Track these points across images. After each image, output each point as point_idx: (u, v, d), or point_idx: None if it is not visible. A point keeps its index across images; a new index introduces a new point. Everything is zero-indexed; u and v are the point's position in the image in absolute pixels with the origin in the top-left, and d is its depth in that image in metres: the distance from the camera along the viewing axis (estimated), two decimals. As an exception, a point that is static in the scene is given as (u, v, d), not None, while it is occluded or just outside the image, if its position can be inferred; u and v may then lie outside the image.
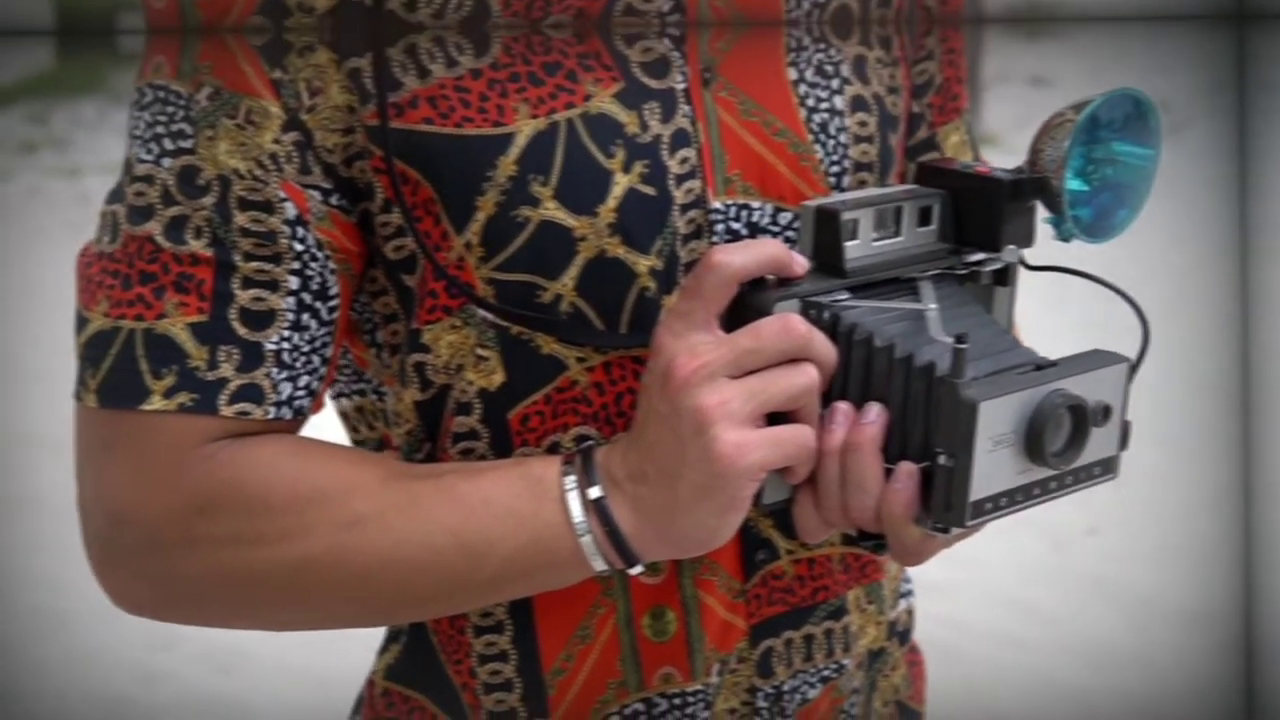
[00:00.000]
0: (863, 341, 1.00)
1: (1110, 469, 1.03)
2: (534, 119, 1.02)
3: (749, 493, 0.98)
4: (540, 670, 1.10)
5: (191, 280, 1.01)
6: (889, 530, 1.00)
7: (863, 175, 1.12)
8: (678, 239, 1.05)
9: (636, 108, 1.04)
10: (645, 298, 1.04)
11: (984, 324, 1.05)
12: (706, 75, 1.07)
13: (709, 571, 1.10)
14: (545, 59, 1.03)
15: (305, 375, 1.04)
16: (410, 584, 1.03)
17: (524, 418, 1.06)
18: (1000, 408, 0.95)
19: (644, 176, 1.04)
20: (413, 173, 1.01)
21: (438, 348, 1.05)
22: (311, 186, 1.02)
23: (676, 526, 0.99)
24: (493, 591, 1.05)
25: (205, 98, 1.01)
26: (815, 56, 1.11)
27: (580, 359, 1.05)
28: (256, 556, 1.02)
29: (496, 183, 1.01)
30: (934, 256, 1.07)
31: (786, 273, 1.00)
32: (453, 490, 1.02)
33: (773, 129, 1.08)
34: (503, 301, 1.03)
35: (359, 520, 1.02)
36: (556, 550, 1.01)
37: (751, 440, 0.96)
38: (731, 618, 1.11)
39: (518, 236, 1.02)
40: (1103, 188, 1.06)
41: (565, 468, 1.02)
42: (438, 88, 1.01)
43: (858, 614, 1.19)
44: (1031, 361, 1.00)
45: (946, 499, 0.96)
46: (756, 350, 0.97)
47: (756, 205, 1.08)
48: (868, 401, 1.00)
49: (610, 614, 1.09)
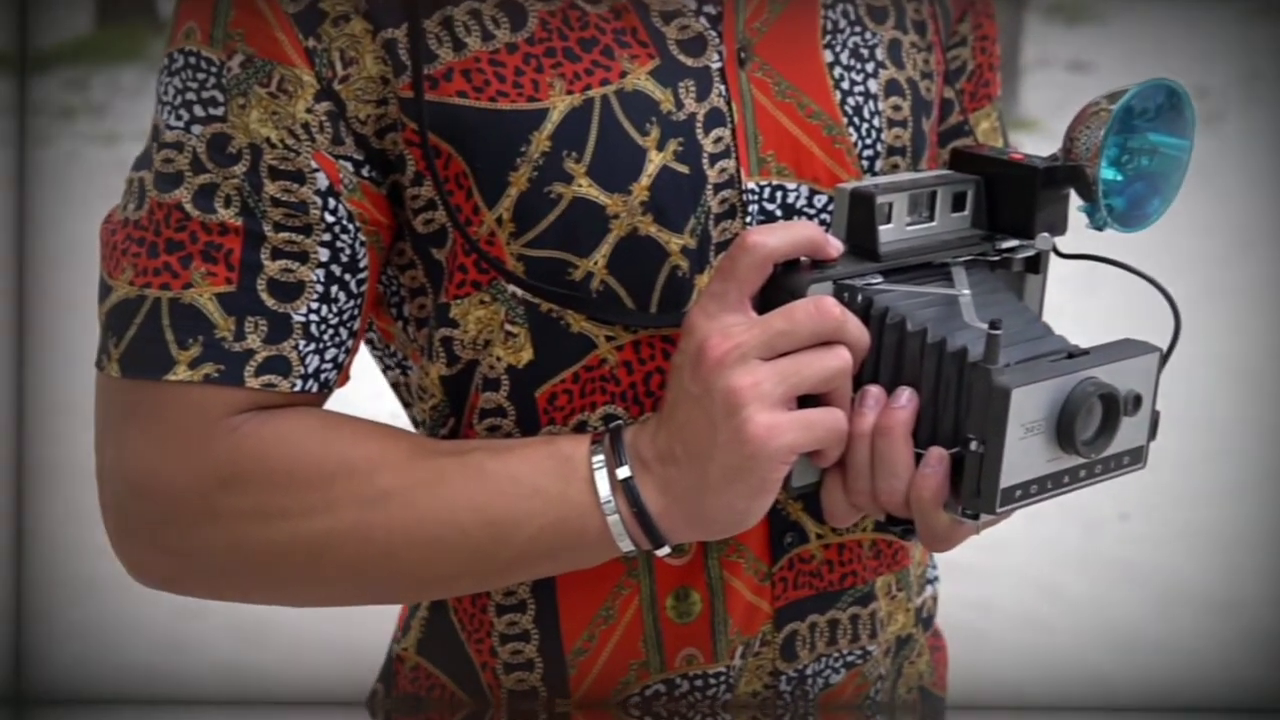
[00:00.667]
0: (895, 325, 1.00)
1: (1139, 459, 1.02)
2: (569, 95, 1.01)
3: (779, 475, 0.97)
4: (562, 650, 1.10)
5: (220, 250, 1.00)
6: (918, 516, 0.99)
7: (895, 159, 1.12)
8: (710, 218, 1.04)
9: (672, 85, 1.03)
10: (677, 277, 1.04)
11: (1016, 311, 1.04)
12: (742, 55, 1.06)
13: (736, 553, 1.10)
14: (581, 35, 1.02)
15: (332, 348, 1.04)
16: (434, 561, 1.03)
17: (551, 396, 1.05)
18: (1032, 395, 0.94)
19: (678, 155, 1.03)
20: (445, 146, 1.01)
21: (466, 323, 1.05)
22: (343, 157, 1.01)
23: (705, 508, 0.98)
24: (518, 570, 1.04)
25: (238, 65, 1.00)
26: (851, 39, 1.10)
27: (609, 338, 1.04)
28: (279, 531, 1.01)
29: (530, 158, 1.01)
30: (967, 242, 1.07)
31: (821, 255, 1.00)
32: (480, 467, 1.02)
33: (807, 111, 1.08)
34: (533, 278, 1.03)
35: (384, 496, 1.01)
36: (583, 530, 1.00)
37: (783, 422, 0.96)
38: (757, 600, 1.11)
39: (550, 213, 1.02)
40: (1136, 177, 1.05)
41: (594, 447, 1.01)
42: (473, 61, 1.00)
43: (886, 601, 1.18)
44: (1064, 349, 0.99)
45: (976, 485, 0.95)
46: (790, 332, 0.96)
47: (791, 187, 1.07)
48: (899, 386, 1.00)
49: (634, 595, 1.09)
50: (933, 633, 1.29)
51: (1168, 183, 1.06)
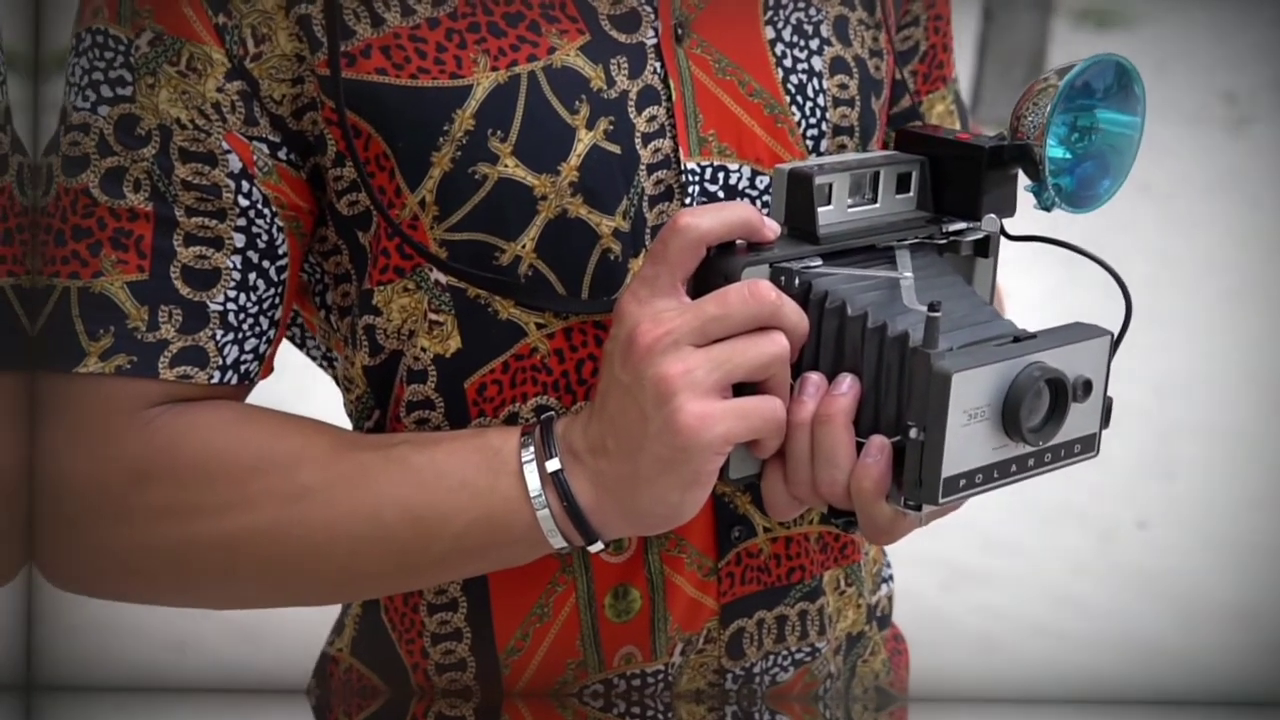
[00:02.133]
0: (835, 310, 0.96)
1: (1091, 447, 0.98)
2: (494, 71, 0.97)
3: (714, 467, 0.93)
4: (494, 649, 1.06)
5: (130, 236, 0.96)
6: (859, 507, 0.95)
7: (842, 139, 1.07)
8: (644, 200, 1.00)
9: (603, 62, 0.99)
10: (609, 261, 1.00)
11: (962, 294, 0.99)
12: (679, 31, 1.02)
13: (678, 548, 1.05)
14: (507, 9, 0.98)
15: (253, 338, 1.00)
16: (359, 559, 0.99)
17: (480, 386, 1.01)
18: (974, 380, 0.90)
19: (609, 134, 0.99)
20: (365, 125, 0.97)
21: (389, 311, 1.01)
22: (258, 139, 0.97)
23: (638, 502, 0.94)
24: (446, 568, 1.00)
25: (146, 43, 0.96)
26: (794, 15, 1.06)
27: (540, 325, 1.00)
28: (195, 529, 0.97)
29: (453, 138, 0.97)
30: (912, 225, 1.02)
31: (757, 237, 0.95)
32: (405, 461, 0.98)
33: (748, 89, 1.04)
34: (457, 263, 0.99)
35: (304, 492, 0.97)
36: (512, 525, 0.96)
37: (716, 411, 0.91)
38: (701, 596, 1.07)
39: (475, 194, 0.98)
40: (1085, 156, 1.01)
41: (524, 439, 0.97)
42: (392, 37, 0.97)
43: (834, 596, 1.14)
44: (1010, 333, 0.95)
45: (918, 475, 0.91)
46: (723, 317, 0.92)
47: (734, 167, 1.03)
48: (840, 372, 0.95)
49: (570, 592, 1.05)
50: (893, 634, 1.25)
51: (1119, 162, 1.02)
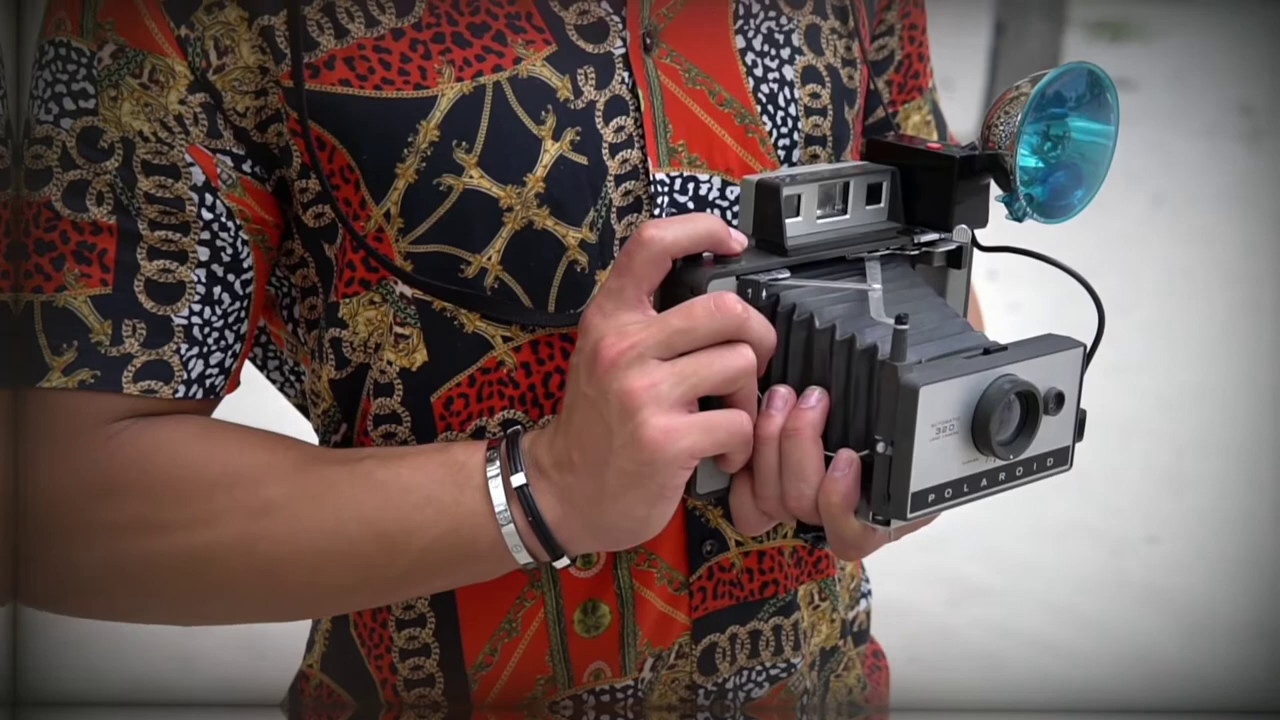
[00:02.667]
0: (803, 322, 0.94)
1: (1064, 460, 0.97)
2: (458, 82, 0.96)
3: (680, 481, 0.92)
4: (463, 665, 1.05)
5: (93, 250, 0.96)
6: (827, 522, 0.93)
7: (814, 149, 1.06)
8: (612, 211, 0.99)
9: (570, 72, 0.98)
10: (576, 273, 0.99)
11: (932, 306, 0.98)
12: (647, 40, 1.01)
13: (647, 563, 1.04)
14: (472, 19, 0.97)
15: (218, 352, 0.99)
16: (324, 575, 0.98)
17: (447, 400, 1.00)
18: (943, 393, 0.89)
19: (575, 144, 0.98)
20: (329, 137, 0.96)
21: (355, 323, 1.00)
22: (221, 151, 0.96)
23: (604, 517, 0.93)
24: (412, 584, 0.99)
25: (108, 55, 0.95)
26: (765, 24, 1.05)
27: (506, 338, 0.99)
28: (158, 544, 0.96)
29: (417, 149, 0.96)
30: (883, 236, 1.01)
31: (723, 249, 0.94)
32: (370, 476, 0.97)
33: (719, 99, 1.03)
34: (423, 275, 0.98)
35: (269, 507, 0.96)
36: (477, 541, 0.95)
37: (681, 425, 0.90)
38: (672, 611, 1.06)
39: (439, 206, 0.97)
40: (1058, 166, 1.00)
41: (489, 453, 0.96)
42: (356, 48, 0.96)
43: (809, 611, 1.13)
44: (980, 345, 0.94)
45: (886, 489, 0.90)
46: (688, 330, 0.91)
47: (704, 178, 1.02)
48: (809, 386, 0.94)
49: (539, 607, 1.04)
50: (873, 649, 1.24)
51: (1092, 172, 1.01)
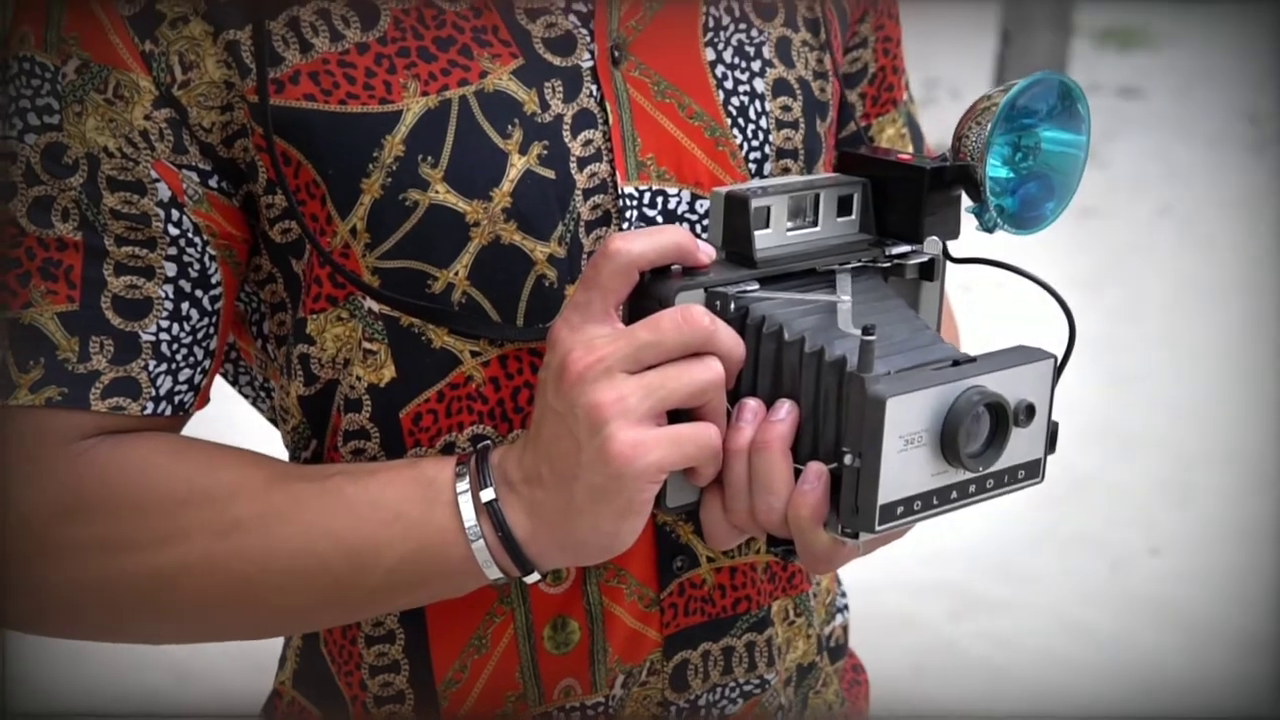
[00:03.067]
0: (773, 335, 0.94)
1: (1035, 472, 0.96)
2: (424, 96, 0.96)
3: (648, 495, 0.91)
4: (433, 682, 1.04)
5: (59, 266, 0.95)
6: (797, 535, 0.93)
7: (786, 162, 1.06)
8: (581, 225, 0.99)
9: (537, 86, 0.98)
10: (544, 288, 0.98)
11: (903, 319, 0.98)
12: (616, 53, 1.00)
13: (617, 579, 1.04)
14: (438, 33, 0.97)
15: (186, 368, 0.98)
16: (293, 593, 0.97)
17: (416, 416, 1.00)
18: (911, 404, 0.88)
19: (542, 158, 0.97)
20: (295, 152, 0.96)
21: (323, 340, 1.00)
22: (187, 167, 0.96)
23: (573, 531, 0.92)
24: (382, 601, 0.99)
25: (73, 70, 0.95)
26: (735, 37, 1.05)
27: (475, 353, 0.99)
28: (125, 563, 0.96)
29: (382, 164, 0.95)
30: (854, 248, 1.01)
31: (691, 261, 0.94)
32: (339, 493, 0.96)
33: (688, 111, 1.02)
34: (390, 291, 0.97)
35: (237, 525, 0.96)
36: (448, 557, 0.95)
37: (649, 439, 0.89)
38: (642, 628, 1.05)
39: (405, 222, 0.96)
40: (1030, 176, 0.99)
41: (459, 469, 0.95)
42: (320, 63, 0.95)
43: (783, 626, 1.12)
44: (949, 357, 0.93)
45: (854, 502, 0.89)
46: (656, 343, 0.90)
47: (673, 191, 1.01)
48: (779, 398, 0.94)
49: (508, 623, 1.03)
50: (852, 664, 1.23)
51: (1064, 183, 1.00)
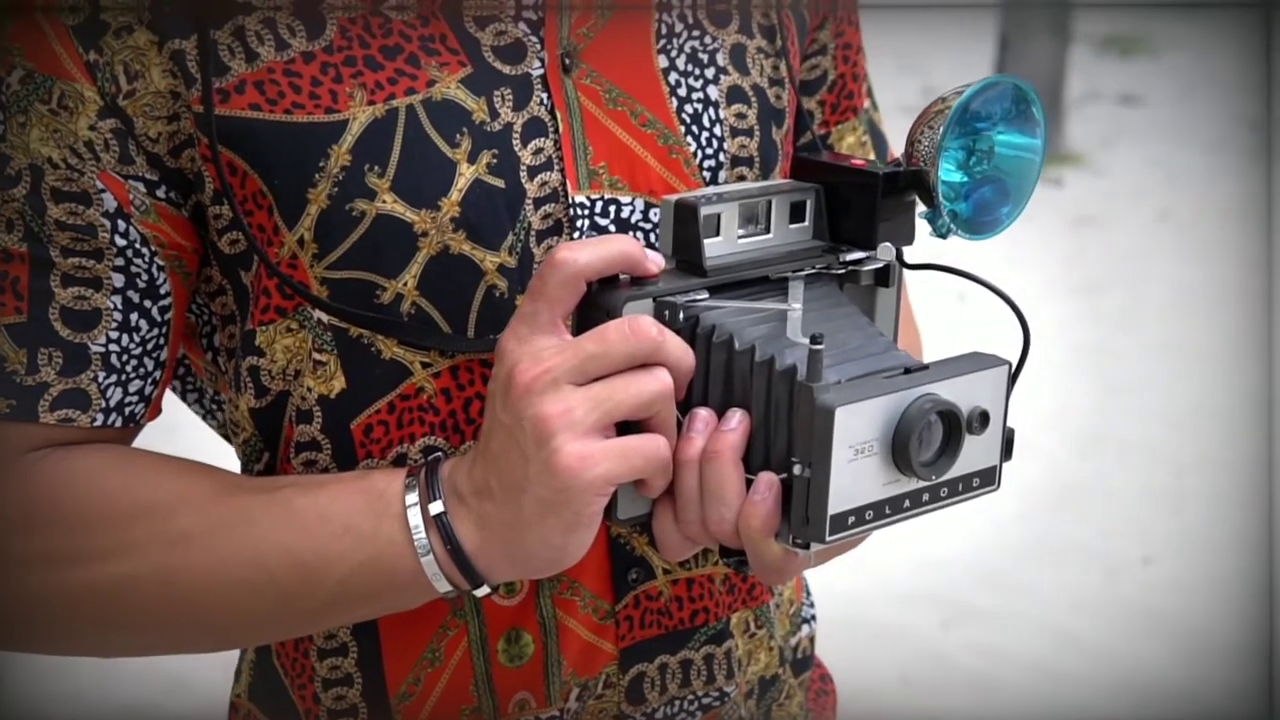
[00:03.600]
0: (723, 344, 0.93)
1: (991, 480, 0.95)
2: (370, 105, 0.95)
3: (596, 508, 0.90)
4: (386, 695, 1.03)
5: (5, 278, 0.94)
6: (748, 546, 0.92)
7: (741, 170, 1.05)
8: (532, 235, 0.98)
9: (486, 94, 0.97)
10: (495, 298, 0.97)
11: (856, 326, 0.97)
12: (566, 61, 1.00)
13: (570, 591, 1.03)
14: (385, 42, 0.96)
15: (137, 380, 0.98)
16: (242, 606, 0.96)
17: (367, 427, 0.99)
18: (860, 413, 0.87)
19: (491, 167, 0.97)
20: (241, 163, 0.95)
21: (273, 351, 0.99)
22: (134, 177, 0.95)
23: (522, 545, 0.91)
24: (332, 614, 0.98)
25: (17, 81, 0.94)
26: (688, 44, 1.04)
27: (426, 364, 0.98)
28: (72, 577, 0.95)
29: (329, 173, 0.95)
30: (808, 255, 1.00)
31: (639, 271, 0.93)
32: (288, 505, 0.96)
33: (641, 119, 1.01)
34: (338, 302, 0.96)
35: (185, 538, 0.95)
36: (397, 570, 0.94)
37: (596, 452, 0.88)
38: (597, 640, 1.04)
39: (353, 232, 0.95)
40: (984, 181, 0.98)
41: (408, 481, 0.94)
42: (266, 72, 0.95)
43: (744, 639, 1.11)
44: (901, 365, 0.92)
45: (805, 512, 0.88)
46: (602, 355, 0.89)
47: (626, 200, 1.01)
48: (730, 408, 0.93)
49: (462, 636, 1.02)
50: (819, 674, 1.22)
51: (1020, 187, 0.99)
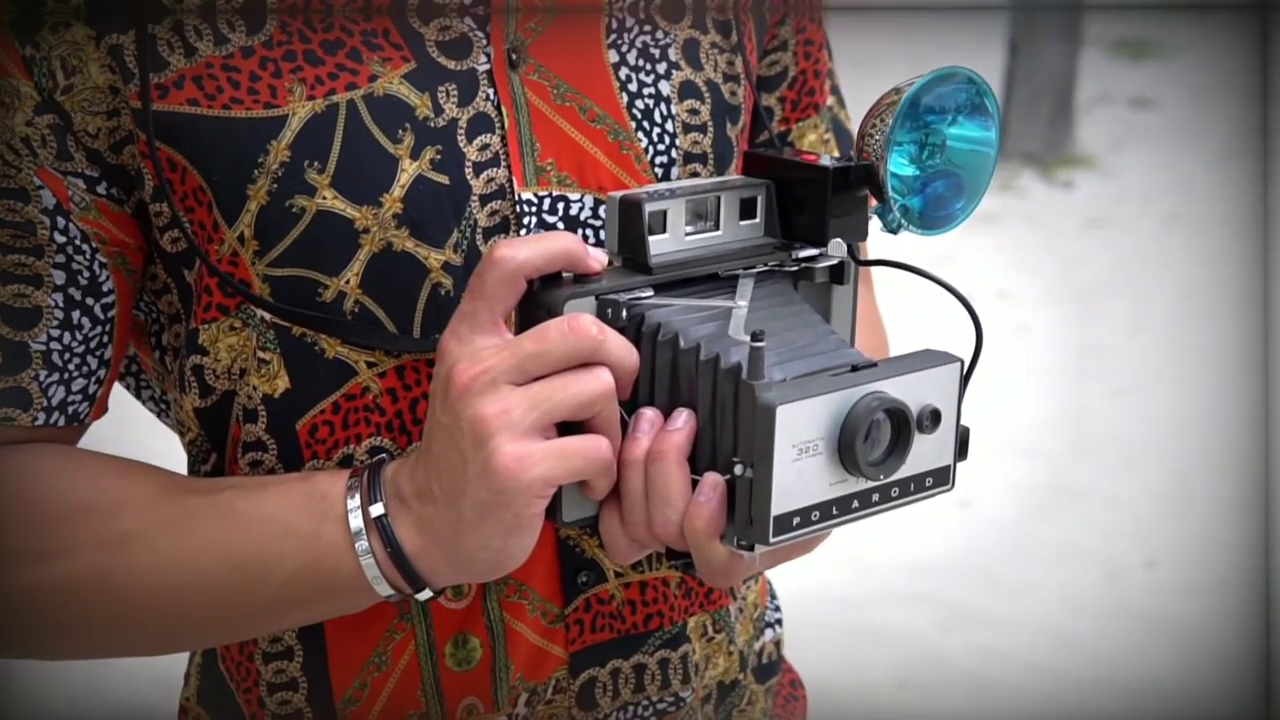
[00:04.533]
0: (668, 343, 0.91)
1: (945, 480, 0.93)
2: (310, 100, 0.94)
3: (535, 510, 0.88)
4: (331, 699, 1.02)
5: None
6: (693, 548, 0.90)
7: (695, 167, 1.03)
8: (478, 232, 0.97)
9: (429, 89, 0.96)
10: (441, 296, 0.96)
11: (807, 324, 0.95)
12: (513, 56, 0.98)
13: (518, 594, 1.01)
14: (325, 37, 0.95)
15: (80, 378, 0.96)
16: (183, 608, 0.95)
17: (312, 428, 0.98)
18: (803, 412, 0.85)
19: (435, 163, 0.95)
20: (180, 158, 0.94)
21: (216, 350, 0.97)
22: (73, 174, 0.94)
23: (463, 548, 0.90)
24: (274, 618, 0.96)
25: None
26: (639, 38, 1.02)
27: (371, 364, 0.97)
28: (15, 578, 0.94)
29: (268, 169, 0.93)
30: (759, 252, 0.98)
31: (581, 268, 0.91)
32: (230, 506, 0.94)
33: (590, 114, 1.00)
34: (280, 300, 0.95)
35: (125, 538, 0.93)
36: (338, 573, 0.92)
37: (535, 453, 0.87)
38: (546, 644, 1.03)
39: (293, 228, 0.94)
40: (936, 175, 0.96)
41: (351, 483, 0.93)
42: (204, 67, 0.93)
43: (701, 643, 1.09)
44: (849, 363, 0.90)
45: (748, 513, 0.86)
46: (542, 354, 0.87)
47: (575, 197, 0.99)
48: (677, 407, 0.91)
49: (409, 640, 1.01)
50: (789, 679, 1.20)
51: (974, 181, 0.97)
